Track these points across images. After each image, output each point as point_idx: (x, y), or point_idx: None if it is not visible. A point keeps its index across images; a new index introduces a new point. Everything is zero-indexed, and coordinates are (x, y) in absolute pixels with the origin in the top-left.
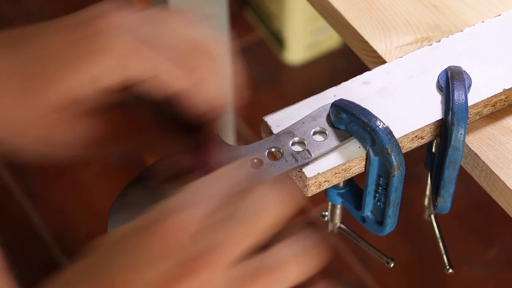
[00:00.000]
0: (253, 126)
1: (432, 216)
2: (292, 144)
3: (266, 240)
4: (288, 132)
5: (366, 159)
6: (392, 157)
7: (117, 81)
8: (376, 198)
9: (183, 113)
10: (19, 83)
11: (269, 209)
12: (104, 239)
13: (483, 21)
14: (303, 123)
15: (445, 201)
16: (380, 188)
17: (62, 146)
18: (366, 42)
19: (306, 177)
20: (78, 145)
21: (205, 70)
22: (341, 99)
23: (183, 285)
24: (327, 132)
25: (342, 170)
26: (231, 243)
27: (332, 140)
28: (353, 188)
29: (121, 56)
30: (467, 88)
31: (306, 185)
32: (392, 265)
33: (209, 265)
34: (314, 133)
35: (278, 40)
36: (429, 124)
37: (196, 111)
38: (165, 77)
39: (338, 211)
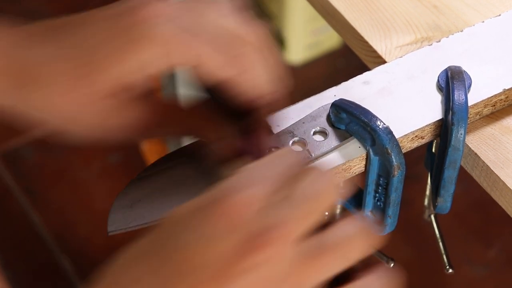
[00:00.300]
0: None
1: (432, 216)
2: (292, 144)
3: (324, 220)
4: (288, 132)
5: (366, 159)
6: (392, 157)
7: (163, 69)
8: (376, 198)
9: (231, 100)
10: (71, 70)
11: (327, 189)
12: (168, 217)
13: (483, 21)
14: (303, 123)
15: (445, 201)
16: (380, 188)
17: (114, 131)
18: (366, 42)
19: None
20: (130, 130)
21: (248, 59)
22: (341, 99)
23: (250, 260)
24: (327, 132)
25: (342, 170)
26: (294, 221)
27: (332, 140)
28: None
29: (165, 44)
30: (467, 88)
31: None
32: (392, 265)
33: (275, 241)
34: (314, 133)
35: (278, 40)
36: (429, 124)
37: (243, 99)
38: (208, 66)
39: (338, 211)
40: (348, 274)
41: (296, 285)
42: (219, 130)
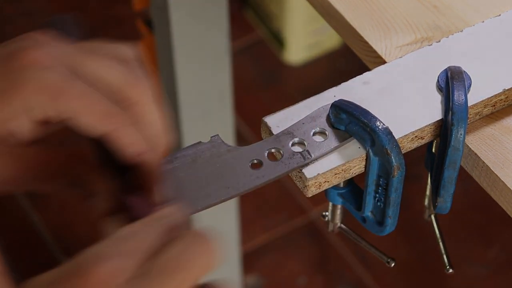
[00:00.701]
0: (253, 126)
1: (432, 216)
2: (292, 145)
3: None
4: (288, 133)
5: (366, 159)
6: (392, 157)
7: (49, 115)
8: (376, 198)
9: (115, 154)
10: None
11: (195, 260)
12: (26, 286)
13: (483, 21)
14: (303, 123)
15: (445, 201)
16: (380, 188)
17: None
18: (366, 42)
19: (306, 177)
20: (12, 179)
21: (128, 114)
22: (341, 100)
23: None
24: (327, 133)
25: (342, 170)
26: None
27: (332, 140)
28: (353, 189)
29: (49, 91)
30: (467, 88)
31: (306, 186)
32: (393, 265)
33: None
34: (314, 134)
35: (278, 40)
36: (429, 124)
37: (123, 154)
38: (83, 119)
39: (338, 211)
40: None
41: None
42: (102, 183)
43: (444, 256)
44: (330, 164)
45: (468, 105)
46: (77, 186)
